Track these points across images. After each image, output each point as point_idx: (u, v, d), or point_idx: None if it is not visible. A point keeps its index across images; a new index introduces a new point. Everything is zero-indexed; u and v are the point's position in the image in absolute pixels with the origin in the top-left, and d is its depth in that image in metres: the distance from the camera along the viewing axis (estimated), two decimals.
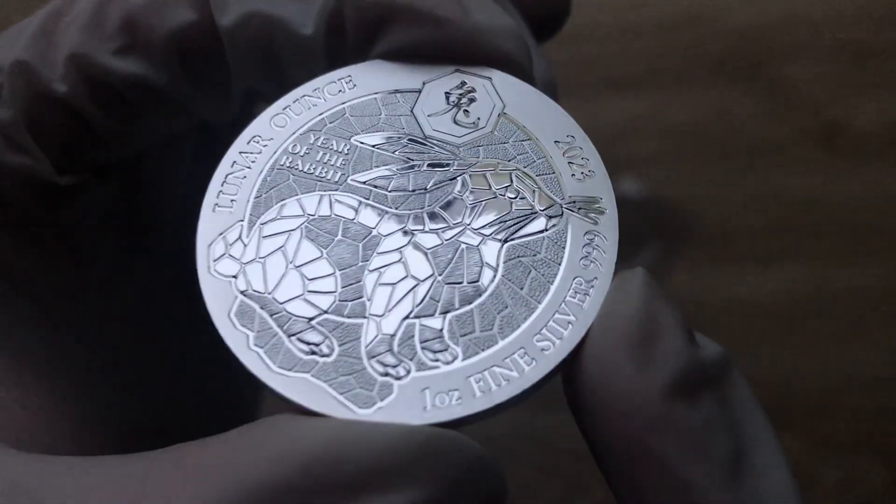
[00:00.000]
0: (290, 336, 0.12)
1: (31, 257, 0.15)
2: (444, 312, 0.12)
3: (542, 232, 0.13)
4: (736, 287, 0.29)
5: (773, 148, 0.32)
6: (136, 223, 0.17)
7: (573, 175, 0.13)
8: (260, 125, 0.14)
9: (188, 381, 0.19)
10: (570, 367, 0.12)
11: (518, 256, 0.12)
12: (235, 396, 0.20)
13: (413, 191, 0.13)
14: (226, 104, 0.15)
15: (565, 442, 0.27)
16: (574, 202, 0.13)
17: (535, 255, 0.12)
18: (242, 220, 0.13)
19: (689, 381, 0.11)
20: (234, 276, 0.12)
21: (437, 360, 0.12)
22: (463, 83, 0.14)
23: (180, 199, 0.18)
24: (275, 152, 0.13)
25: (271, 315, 0.12)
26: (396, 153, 0.13)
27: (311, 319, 0.12)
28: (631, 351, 0.11)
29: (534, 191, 0.13)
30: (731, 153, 0.32)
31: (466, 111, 0.14)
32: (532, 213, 0.13)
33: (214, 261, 0.12)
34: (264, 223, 0.13)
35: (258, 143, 0.14)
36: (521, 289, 0.12)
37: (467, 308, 0.12)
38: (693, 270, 0.30)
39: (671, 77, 0.33)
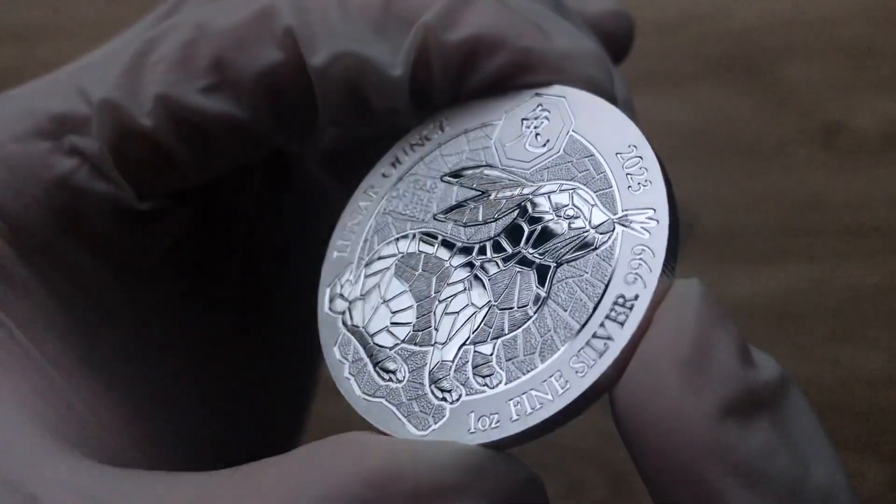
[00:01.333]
0: (374, 365, 0.13)
1: (108, 277, 0.16)
2: (496, 338, 0.13)
3: (593, 250, 0.13)
4: (736, 287, 0.29)
5: (773, 148, 0.32)
6: (203, 247, 0.17)
7: (629, 186, 0.13)
8: (374, 177, 0.15)
9: (247, 403, 0.19)
10: (616, 383, 0.11)
11: (567, 278, 0.13)
12: (286, 421, 0.20)
13: (484, 222, 0.14)
14: (307, 137, 0.16)
15: (566, 441, 0.27)
16: (626, 216, 0.13)
17: (581, 276, 0.12)
18: (353, 262, 0.14)
19: (744, 404, 0.11)
20: (342, 313, 0.14)
21: (484, 385, 0.12)
22: (539, 105, 0.14)
23: (246, 224, 0.18)
24: (382, 199, 0.15)
25: (364, 346, 0.13)
26: (475, 186, 0.14)
27: (391, 349, 0.13)
28: (682, 369, 0.11)
29: (590, 208, 0.13)
30: (731, 153, 0.32)
31: (538, 134, 0.14)
32: (584, 231, 0.13)
33: (330, 300, 0.14)
34: (367, 264, 0.14)
35: (371, 192, 0.15)
36: (566, 310, 0.12)
37: (515, 333, 0.13)
38: (693, 270, 0.30)
39: (671, 77, 0.33)
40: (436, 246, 0.14)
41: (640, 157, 0.13)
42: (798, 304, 0.29)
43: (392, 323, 0.13)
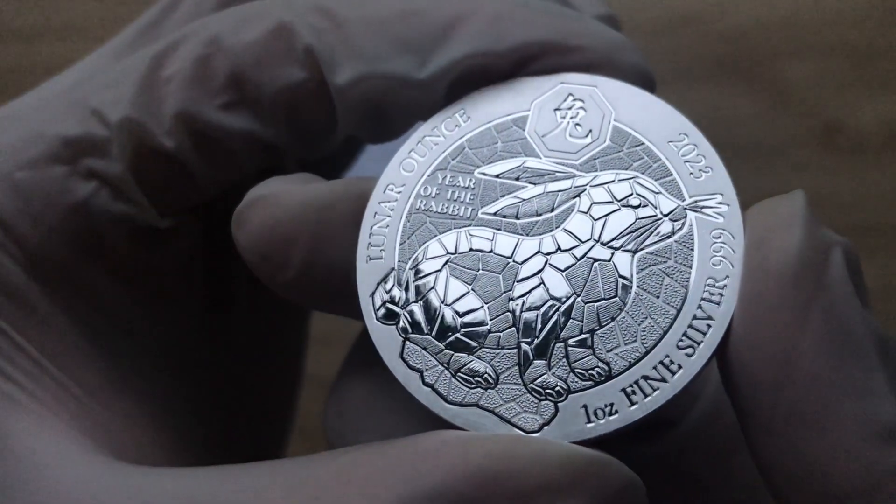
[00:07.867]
0: (455, 371, 0.13)
1: (127, 297, 0.16)
2: (590, 331, 0.12)
3: (669, 237, 0.13)
4: None
5: (773, 148, 0.32)
6: (213, 259, 0.17)
7: (691, 173, 0.13)
8: (391, 173, 0.14)
9: (243, 402, 0.19)
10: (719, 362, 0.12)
11: (650, 265, 0.13)
12: (279, 412, 0.21)
13: (540, 214, 0.13)
14: (321, 148, 0.16)
15: None
16: (696, 202, 0.13)
17: (665, 262, 0.13)
18: (394, 267, 0.13)
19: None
20: (397, 321, 0.13)
21: (590, 379, 0.12)
22: (570, 95, 0.14)
23: None
24: (409, 197, 0.14)
25: (434, 354, 0.13)
26: (519, 179, 0.14)
27: (470, 353, 0.13)
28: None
29: (655, 195, 0.13)
30: (731, 153, 0.32)
31: (578, 125, 0.14)
32: (656, 220, 0.13)
33: (376, 309, 0.13)
34: (413, 267, 0.13)
35: (392, 190, 0.14)
36: (658, 297, 0.12)
37: (610, 324, 0.12)
38: None
39: (671, 77, 0.33)
40: (491, 243, 0.13)
41: (695, 145, 0.13)
42: None
43: (463, 326, 0.13)
